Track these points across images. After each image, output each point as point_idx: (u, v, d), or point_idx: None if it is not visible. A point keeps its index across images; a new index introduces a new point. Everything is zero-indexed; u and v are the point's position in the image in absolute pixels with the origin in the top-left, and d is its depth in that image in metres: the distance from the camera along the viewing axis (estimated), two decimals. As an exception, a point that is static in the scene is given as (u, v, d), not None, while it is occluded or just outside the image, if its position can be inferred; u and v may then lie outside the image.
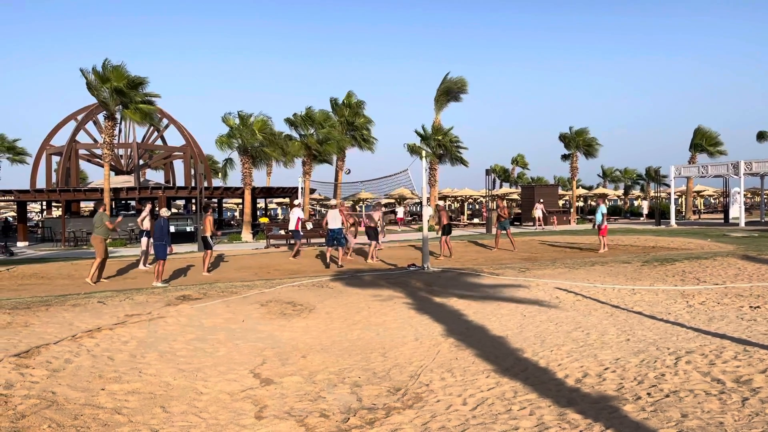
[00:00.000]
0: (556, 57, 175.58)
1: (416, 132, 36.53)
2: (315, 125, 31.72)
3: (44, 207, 41.50)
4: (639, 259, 14.08)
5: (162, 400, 5.06)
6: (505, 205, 21.67)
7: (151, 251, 16.36)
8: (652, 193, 49.54)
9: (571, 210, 38.50)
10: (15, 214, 39.90)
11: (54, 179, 34.27)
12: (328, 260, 15.69)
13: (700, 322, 7.12)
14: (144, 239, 16.69)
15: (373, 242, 17.24)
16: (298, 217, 18.57)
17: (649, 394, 4.56)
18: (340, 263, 15.61)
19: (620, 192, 61.32)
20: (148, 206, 17.28)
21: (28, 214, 35.92)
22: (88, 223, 28.04)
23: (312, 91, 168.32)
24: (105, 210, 14.75)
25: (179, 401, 5.05)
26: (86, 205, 43.84)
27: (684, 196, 45.41)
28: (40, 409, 4.68)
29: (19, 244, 27.55)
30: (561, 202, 44.56)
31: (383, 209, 22.47)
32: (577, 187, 44.12)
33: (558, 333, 6.95)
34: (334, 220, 15.96)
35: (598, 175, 63.24)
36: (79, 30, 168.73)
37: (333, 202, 23.97)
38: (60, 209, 33.35)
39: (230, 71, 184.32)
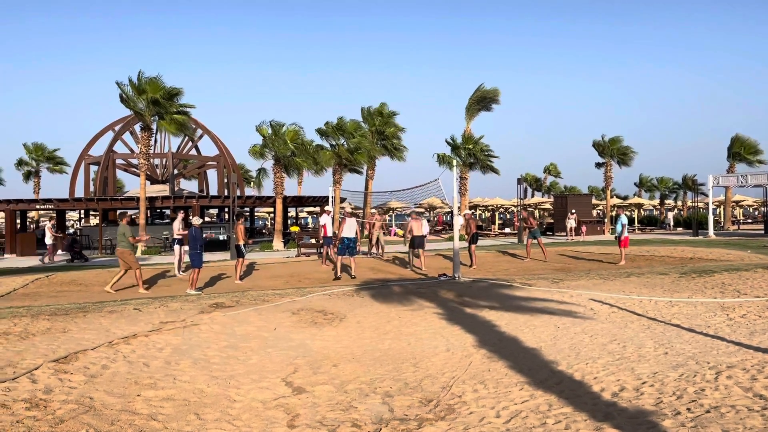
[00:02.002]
0: (592, 65, 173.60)
1: (447, 141, 36.46)
2: (346, 135, 31.92)
3: (82, 215, 42.55)
4: (676, 270, 13.76)
5: (196, 407, 5.11)
6: (529, 215, 21.49)
7: (185, 259, 16.68)
8: (689, 203, 48.50)
9: (605, 220, 37.86)
10: (54, 223, 40.90)
11: (92, 188, 35.10)
12: (338, 271, 15.26)
13: (741, 336, 6.92)
14: (177, 247, 16.98)
15: (421, 250, 17.02)
16: (324, 224, 18.70)
17: (689, 409, 4.43)
18: (353, 273, 15.26)
19: (656, 201, 60.15)
20: (181, 214, 17.58)
21: (67, 223, 36.80)
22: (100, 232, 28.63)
23: (342, 100, 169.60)
24: (127, 221, 14.60)
25: (213, 408, 5.09)
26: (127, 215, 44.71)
27: (722, 206, 44.35)
28: (78, 414, 4.76)
29: (58, 252, 28.21)
30: (594, 212, 43.86)
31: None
32: (612, 197, 43.42)
33: (593, 345, 6.83)
34: (349, 228, 15.63)
35: (634, 184, 62.19)
36: (115, 42, 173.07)
37: (348, 208, 23.74)
38: (97, 218, 34.13)
39: (263, 82, 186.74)
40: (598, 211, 47.87)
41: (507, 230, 38.41)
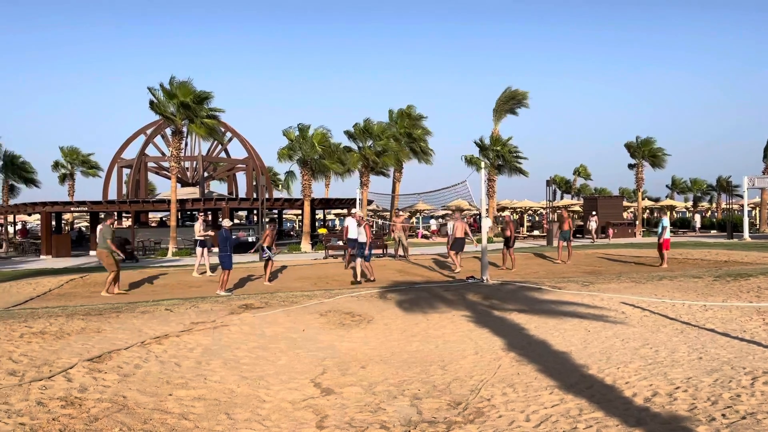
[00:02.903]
0: (623, 66, 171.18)
1: (475, 143, 36.32)
2: (373, 137, 32.00)
3: (103, 218, 43.34)
4: (710, 273, 13.47)
5: (226, 407, 5.17)
6: (568, 215, 21.10)
7: (212, 260, 16.92)
8: (723, 205, 47.45)
9: (637, 222, 37.26)
10: (88, 225, 41.78)
11: (124, 191, 35.79)
12: (359, 275, 14.93)
13: (779, 341, 6.74)
14: (199, 248, 17.27)
15: (457, 252, 16.76)
16: (346, 225, 18.73)
17: (723, 415, 4.33)
18: (363, 277, 14.96)
19: (689, 203, 58.97)
20: (201, 216, 17.88)
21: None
22: (156, 233, 29.20)
23: (369, 103, 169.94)
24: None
25: (243, 408, 5.15)
26: (154, 216, 45.54)
27: (758, 208, 43.30)
28: (111, 412, 4.86)
29: (92, 252, 28.81)
30: (626, 214, 43.19)
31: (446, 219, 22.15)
32: (643, 199, 42.72)
33: (625, 349, 6.72)
34: (361, 233, 15.07)
35: (667, 186, 61.07)
36: (147, 49, 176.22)
37: (356, 211, 23.46)
38: (130, 220, 34.78)
39: (291, 86, 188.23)
40: (630, 213, 47.16)
41: (536, 232, 38.05)
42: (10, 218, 37.56)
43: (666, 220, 17.89)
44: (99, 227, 14.42)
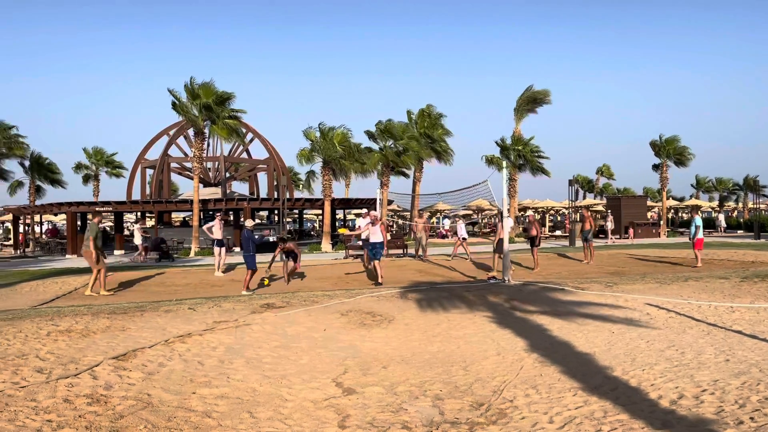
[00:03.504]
0: (647, 65, 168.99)
1: (496, 143, 36.13)
2: (394, 137, 32.01)
3: (139, 217, 43.97)
4: (737, 274, 13.23)
5: (249, 406, 5.20)
6: (590, 215, 20.85)
7: (226, 259, 17.08)
8: (750, 205, 46.57)
9: (661, 222, 36.76)
10: (112, 224, 42.38)
11: (148, 191, 36.25)
12: (380, 278, 14.50)
13: (810, 344, 6.59)
14: (216, 248, 17.47)
15: (500, 255, 16.10)
16: (358, 225, 18.76)
17: (752, 418, 4.25)
18: (379, 280, 14.52)
19: (714, 203, 58.02)
20: (218, 216, 18.08)
21: (124, 224, 38.09)
22: (179, 232, 29.51)
23: (389, 104, 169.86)
24: (99, 220, 14.02)
25: (265, 407, 5.17)
26: (177, 216, 46.05)
27: (786, 208, 42.42)
28: (136, 410, 4.91)
29: (116, 252, 29.23)
30: (649, 214, 42.62)
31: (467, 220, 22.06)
32: (668, 198, 42.13)
33: (650, 351, 6.62)
34: (375, 233, 14.82)
35: (692, 185, 60.16)
36: (169, 50, 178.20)
37: (366, 212, 23.14)
38: (153, 219, 35.19)
39: (312, 86, 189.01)
40: (654, 213, 46.56)
41: (558, 233, 37.72)
42: (37, 218, 38.23)
43: (699, 219, 17.57)
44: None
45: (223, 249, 17.62)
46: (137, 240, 24.66)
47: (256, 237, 14.87)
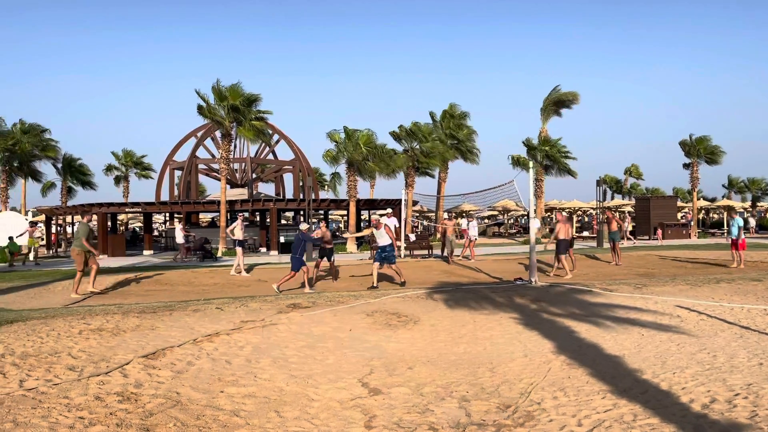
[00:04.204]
0: (676, 63, 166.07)
1: (522, 143, 35.85)
2: (419, 138, 31.98)
3: (167, 218, 44.65)
4: (771, 276, 12.93)
5: (276, 405, 5.23)
6: (616, 216, 20.53)
7: (245, 260, 17.23)
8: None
9: (692, 223, 36.09)
10: (141, 225, 43.07)
11: (176, 192, 36.77)
12: (375, 281, 14.00)
13: None
14: (239, 248, 17.68)
15: (561, 255, 15.72)
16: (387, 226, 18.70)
17: (789, 424, 4.14)
18: (401, 280, 14.24)
19: (747, 204, 56.75)
20: (240, 217, 18.28)
21: (153, 225, 38.71)
22: (206, 233, 29.82)
23: (413, 103, 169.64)
24: (89, 219, 13.95)
25: (292, 407, 5.20)
26: (204, 217, 46.63)
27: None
28: (166, 408, 4.98)
29: (145, 252, 29.70)
30: (679, 215, 41.89)
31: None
32: (698, 199, 41.35)
33: (681, 354, 6.50)
34: (380, 235, 14.43)
35: (723, 186, 58.94)
36: (196, 52, 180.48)
37: (383, 213, 22.68)
38: (181, 220, 35.68)
39: (336, 87, 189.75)
40: (684, 214, 45.75)
41: (585, 233, 37.28)
42: (69, 219, 39.03)
43: (740, 220, 17.18)
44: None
45: (240, 249, 17.89)
46: (179, 240, 25.12)
47: (314, 237, 14.88)
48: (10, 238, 23.68)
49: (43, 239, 37.18)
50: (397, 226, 19.13)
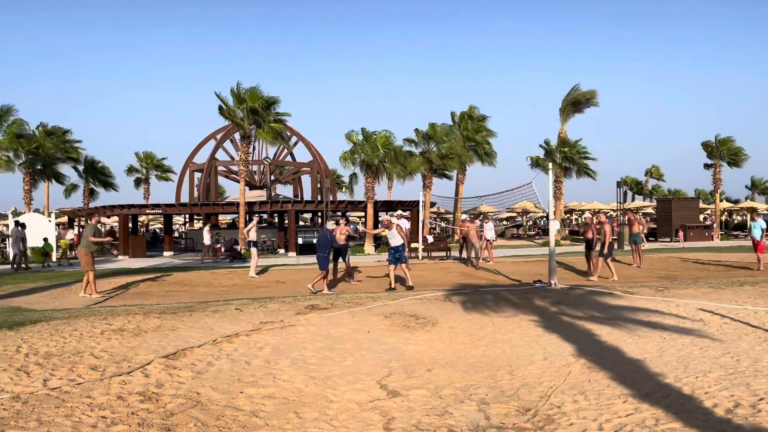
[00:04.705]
0: (698, 62, 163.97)
1: (540, 146, 35.60)
2: (437, 140, 31.91)
3: (187, 219, 45.03)
4: (796, 279, 12.69)
5: (295, 406, 5.25)
6: (638, 217, 20.23)
7: (258, 261, 17.28)
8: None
9: (714, 225, 35.56)
10: (162, 226, 43.48)
11: (195, 194, 37.08)
12: (392, 282, 13.98)
13: None
14: (254, 249, 17.78)
15: (607, 258, 15.45)
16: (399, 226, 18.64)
17: (816, 431, 4.06)
18: (409, 283, 13.85)
19: (771, 206, 55.74)
20: (256, 218, 18.40)
21: (173, 226, 39.06)
22: (226, 234, 30.04)
23: (431, 105, 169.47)
24: (97, 221, 14.00)
25: (311, 408, 5.21)
26: (224, 218, 46.94)
27: None
28: (186, 408, 5.03)
29: (165, 253, 29.97)
30: (701, 217, 41.29)
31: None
32: (721, 200, 40.72)
33: (703, 358, 6.41)
34: (392, 236, 14.34)
35: (746, 187, 58.00)
36: (215, 56, 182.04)
37: (399, 213, 22.34)
38: (201, 221, 35.97)
39: (354, 89, 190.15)
40: (706, 216, 45.12)
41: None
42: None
43: (762, 222, 16.87)
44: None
45: (255, 250, 18.01)
46: (206, 241, 25.46)
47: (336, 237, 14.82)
48: (45, 240, 24.05)
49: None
50: (408, 227, 19.08)
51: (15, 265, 21.10)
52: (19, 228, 21.48)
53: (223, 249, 25.70)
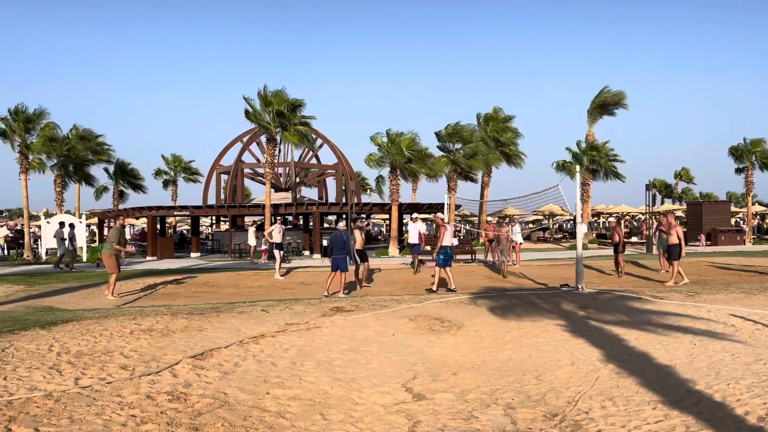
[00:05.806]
0: (731, 64, 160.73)
1: (567, 149, 35.23)
2: (462, 141, 31.80)
3: (213, 221, 45.53)
4: (833, 285, 12.36)
5: (321, 408, 5.27)
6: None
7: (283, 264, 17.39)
8: None
9: (746, 229, 34.82)
10: (189, 228, 44.05)
11: (222, 196, 37.48)
12: (436, 284, 13.99)
13: None
14: (276, 251, 17.99)
15: (672, 261, 15.02)
16: (419, 231, 18.64)
17: None
18: (433, 287, 13.96)
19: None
20: (279, 220, 18.54)
21: (200, 228, 39.54)
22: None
23: (456, 108, 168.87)
24: (121, 223, 14.22)
25: (337, 410, 5.23)
26: (250, 220, 47.38)
27: None
28: (214, 408, 5.08)
29: (192, 254, 30.34)
30: (733, 220, 40.46)
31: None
32: (753, 203, 39.85)
33: (735, 365, 6.28)
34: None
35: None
36: (242, 60, 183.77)
37: (415, 216, 22.23)
38: (227, 223, 36.35)
39: (379, 91, 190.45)
40: (738, 219, 44.19)
41: (634, 239, 36.34)
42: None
43: None
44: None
45: (279, 252, 18.18)
46: (251, 242, 25.98)
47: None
48: (103, 240, 24.61)
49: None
50: (422, 231, 19.13)
51: (62, 265, 21.48)
52: (69, 228, 21.97)
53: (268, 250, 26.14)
